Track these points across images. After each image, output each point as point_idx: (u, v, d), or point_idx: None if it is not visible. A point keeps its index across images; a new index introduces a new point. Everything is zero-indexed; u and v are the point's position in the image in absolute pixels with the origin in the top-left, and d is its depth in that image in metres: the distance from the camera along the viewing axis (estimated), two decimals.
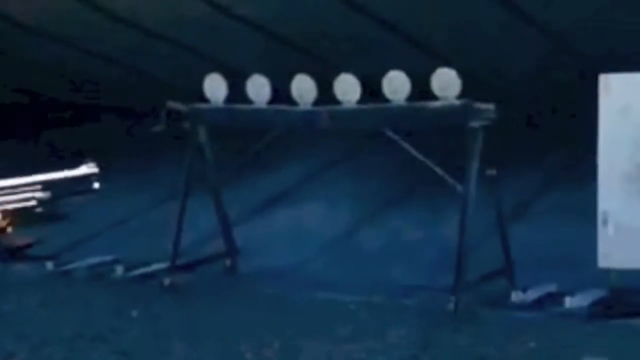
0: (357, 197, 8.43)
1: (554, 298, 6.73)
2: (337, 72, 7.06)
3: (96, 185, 9.47)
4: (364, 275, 7.41)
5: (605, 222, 6.43)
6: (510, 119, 6.86)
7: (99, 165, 9.47)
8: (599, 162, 6.39)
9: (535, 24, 6.82)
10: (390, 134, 7.23)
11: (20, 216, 8.96)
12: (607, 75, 6.29)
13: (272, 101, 7.52)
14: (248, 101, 7.40)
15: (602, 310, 6.45)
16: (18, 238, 8.92)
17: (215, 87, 7.55)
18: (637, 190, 6.43)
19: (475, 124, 6.77)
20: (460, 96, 6.71)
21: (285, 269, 7.71)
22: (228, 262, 7.91)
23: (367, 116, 7.14)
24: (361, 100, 7.10)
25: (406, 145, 7.21)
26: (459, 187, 6.87)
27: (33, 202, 9.20)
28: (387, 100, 7.00)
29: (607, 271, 6.48)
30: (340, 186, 8.70)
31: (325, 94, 7.24)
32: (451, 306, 6.64)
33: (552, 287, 6.92)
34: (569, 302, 6.59)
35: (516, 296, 6.83)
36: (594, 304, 6.53)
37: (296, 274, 7.62)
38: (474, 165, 6.84)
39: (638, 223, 6.32)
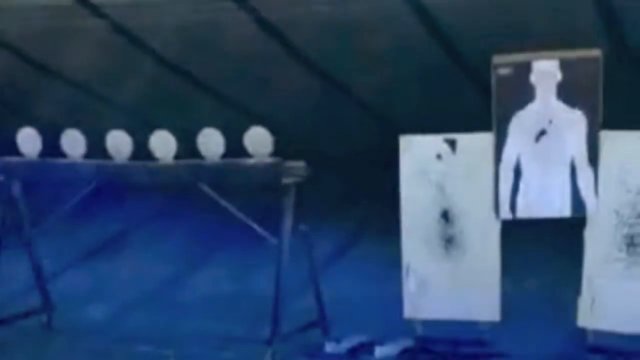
0: (175, 249, 8.69)
1: (366, 347, 7.16)
2: (154, 128, 7.33)
3: None
4: (182, 328, 7.65)
5: (408, 275, 6.95)
6: (322, 176, 7.44)
7: None
8: (402, 217, 6.87)
9: (345, 91, 7.40)
10: (206, 189, 7.65)
11: None
12: (407, 137, 6.80)
13: (87, 156, 7.87)
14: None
15: (409, 358, 6.97)
16: None
17: (28, 141, 7.67)
18: (437, 244, 7.10)
19: (287, 180, 7.20)
20: (274, 154, 7.13)
21: (103, 322, 7.86)
22: (44, 317, 7.98)
23: (182, 172, 7.41)
24: (178, 156, 7.39)
25: (222, 201, 7.54)
26: (274, 241, 7.34)
27: None
28: (202, 157, 7.36)
29: (413, 321, 7.04)
30: (158, 239, 8.93)
31: (142, 149, 7.67)
32: (268, 358, 7.03)
33: (364, 338, 7.30)
34: (379, 351, 7.10)
35: (330, 347, 7.29)
36: (402, 352, 7.02)
37: (114, 327, 7.79)
38: (288, 221, 7.25)
39: (438, 276, 6.83)
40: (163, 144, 7.50)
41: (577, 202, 6.41)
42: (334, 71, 7.17)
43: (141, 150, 7.44)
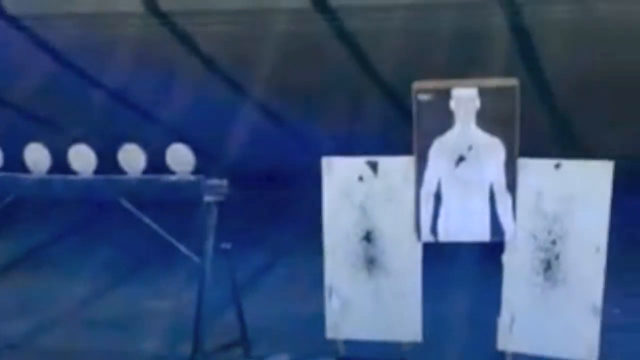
0: (96, 266, 8.84)
1: None
2: (73, 142, 7.52)
3: None
4: (102, 346, 7.77)
5: (330, 295, 7.11)
6: (246, 195, 7.64)
7: None
8: (325, 238, 7.04)
9: (269, 111, 7.63)
10: (128, 205, 7.77)
11: None
12: (329, 158, 6.98)
13: (4, 168, 7.92)
14: None
15: None
16: None
17: None
18: (360, 265, 7.19)
19: (209, 198, 7.41)
20: (197, 171, 7.33)
21: (20, 339, 7.89)
22: None
23: (102, 187, 7.54)
24: (99, 171, 7.58)
25: (143, 217, 7.77)
26: (196, 260, 7.56)
27: None
28: (123, 172, 7.55)
29: (336, 342, 7.16)
30: (79, 254, 9.12)
31: (62, 163, 7.79)
32: None
33: (285, 357, 7.50)
34: None
35: None
36: None
37: (32, 345, 7.85)
38: (210, 238, 7.43)
39: (360, 296, 7.01)
40: (82, 158, 7.68)
41: (496, 227, 6.65)
42: (259, 92, 7.40)
43: (60, 164, 7.69)
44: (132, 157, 7.45)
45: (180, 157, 7.33)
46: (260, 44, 6.95)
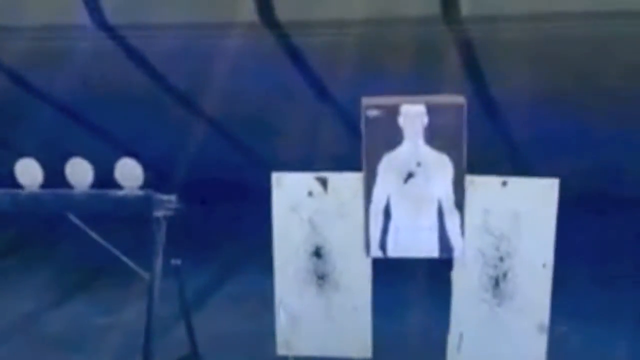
0: (43, 282, 8.94)
1: None
2: (19, 157, 7.57)
3: None
4: None
5: (280, 311, 7.19)
6: (196, 211, 7.82)
7: None
8: (275, 253, 7.14)
9: (216, 125, 7.81)
10: (76, 220, 7.92)
11: None
12: (278, 174, 7.07)
13: None
14: None
15: None
16: None
17: None
18: (310, 281, 7.38)
19: (158, 213, 7.55)
20: (145, 186, 7.42)
21: None
22: None
23: (48, 201, 7.62)
24: (45, 185, 7.76)
25: (92, 233, 7.80)
26: (145, 275, 7.68)
27: None
28: (70, 187, 7.63)
29: (286, 358, 7.29)
30: (25, 270, 9.18)
31: (8, 178, 7.88)
32: None
33: None
34: None
35: None
36: None
37: None
38: (159, 254, 7.51)
39: (310, 312, 7.12)
40: (28, 172, 7.80)
41: (445, 244, 6.79)
42: (209, 107, 7.59)
43: (6, 179, 7.77)
44: (79, 171, 7.54)
45: (129, 172, 7.43)
46: (208, 59, 7.16)
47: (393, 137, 6.75)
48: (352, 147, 6.86)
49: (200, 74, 7.35)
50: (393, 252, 6.97)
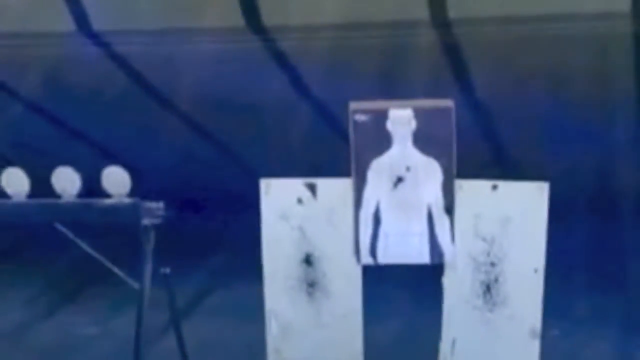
0: (31, 292, 8.95)
1: None
2: (5, 166, 7.61)
3: None
4: None
5: (271, 319, 7.21)
6: (185, 218, 7.85)
7: None
8: (264, 261, 7.14)
9: (204, 131, 7.85)
10: (63, 229, 8.01)
11: None
12: (267, 180, 7.08)
13: None
14: None
15: None
16: None
17: None
18: (300, 288, 7.35)
19: (146, 221, 7.52)
20: (133, 194, 7.47)
21: None
22: None
23: (35, 211, 7.66)
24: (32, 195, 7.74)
25: (80, 242, 7.91)
26: (135, 284, 7.68)
27: None
28: (57, 196, 7.63)
29: None
30: (13, 280, 9.24)
31: None
32: None
33: None
34: None
35: None
36: None
37: None
38: (148, 263, 7.52)
39: (301, 320, 7.14)
40: (15, 182, 7.77)
41: (435, 249, 6.80)
42: (196, 114, 7.62)
43: None
44: (66, 180, 7.53)
45: (116, 180, 7.44)
46: (195, 65, 7.20)
47: (381, 142, 6.76)
48: (340, 152, 6.93)
49: (186, 80, 7.41)
50: (383, 258, 6.97)
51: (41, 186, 7.60)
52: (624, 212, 8.38)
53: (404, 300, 7.93)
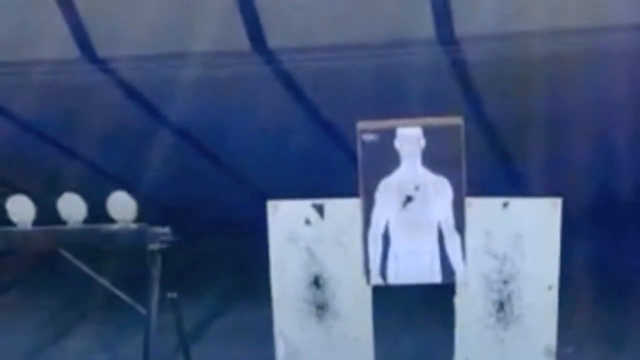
0: (40, 318, 8.97)
1: None
2: (11, 194, 7.65)
3: None
4: None
5: (279, 342, 7.17)
6: (192, 243, 7.87)
7: None
8: (272, 283, 7.12)
9: (211, 155, 7.87)
10: (68, 256, 7.99)
11: None
12: (274, 202, 7.07)
13: None
14: None
15: None
16: None
17: None
18: (309, 310, 7.34)
19: (153, 247, 7.52)
20: (140, 219, 7.44)
21: None
22: None
23: (41, 238, 7.66)
24: (37, 222, 7.71)
25: (86, 268, 7.93)
26: (142, 310, 7.67)
27: None
28: (63, 222, 7.64)
29: None
30: (21, 307, 9.22)
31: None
32: None
33: None
34: None
35: None
36: None
37: None
38: (155, 288, 7.53)
39: (310, 342, 7.13)
40: (21, 209, 7.84)
41: (447, 269, 6.77)
42: (201, 135, 7.66)
43: None
44: (72, 206, 7.55)
45: (121, 205, 7.47)
46: (200, 89, 7.24)
47: (390, 161, 6.74)
48: (348, 173, 6.95)
49: (192, 105, 7.44)
50: (394, 278, 6.94)
51: (47, 213, 7.79)
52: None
53: (415, 321, 7.91)
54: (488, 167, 7.11)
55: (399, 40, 7.10)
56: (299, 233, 7.07)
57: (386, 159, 6.73)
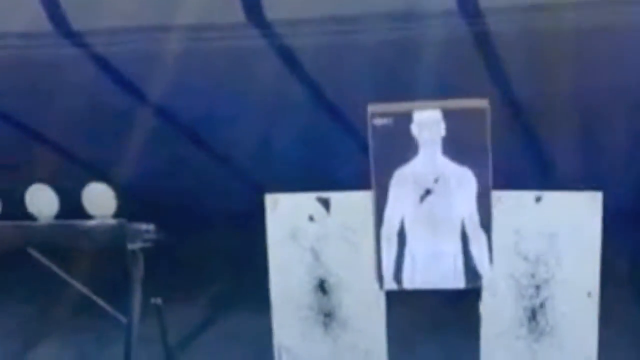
0: (6, 327, 8.39)
1: None
2: None
3: None
4: None
5: (280, 355, 6.95)
6: (178, 241, 7.37)
7: None
8: (271, 288, 6.87)
9: (203, 143, 7.38)
10: (38, 255, 7.52)
11: None
12: (274, 195, 6.76)
13: None
14: None
15: None
16: None
17: None
18: (313, 319, 7.03)
19: (134, 245, 7.26)
20: (119, 215, 7.11)
21: None
22: None
23: (8, 235, 7.26)
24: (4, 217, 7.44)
25: (59, 270, 7.47)
26: (122, 318, 7.40)
27: None
28: (32, 218, 7.38)
29: None
30: None
31: None
32: None
33: None
34: None
35: None
36: None
37: None
38: (137, 292, 7.30)
39: (315, 355, 6.87)
40: None
41: (471, 271, 6.54)
42: (189, 119, 7.16)
43: None
44: (42, 200, 7.25)
45: (99, 199, 7.13)
46: (193, 66, 6.68)
47: (406, 149, 6.41)
48: (358, 162, 6.40)
49: (179, 84, 6.89)
50: (410, 283, 6.66)
51: (13, 207, 7.23)
52: None
53: (434, 331, 7.42)
54: (518, 156, 6.75)
55: (414, 11, 6.60)
56: (302, 231, 6.77)
57: (401, 146, 6.46)
